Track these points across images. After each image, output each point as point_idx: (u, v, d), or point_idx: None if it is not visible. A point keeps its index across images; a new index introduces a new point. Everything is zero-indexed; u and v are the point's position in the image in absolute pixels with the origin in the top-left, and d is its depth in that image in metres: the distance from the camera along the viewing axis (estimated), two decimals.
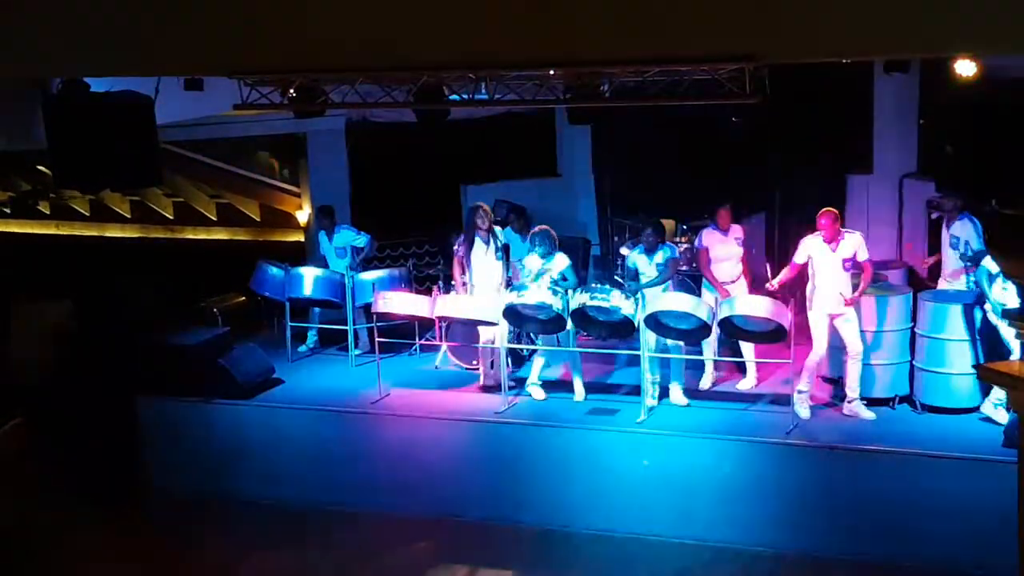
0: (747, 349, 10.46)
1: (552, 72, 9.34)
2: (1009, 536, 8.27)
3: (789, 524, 9.29)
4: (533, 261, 10.38)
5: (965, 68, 9.21)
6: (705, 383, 10.67)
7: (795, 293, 10.31)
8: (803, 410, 9.79)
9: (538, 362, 10.73)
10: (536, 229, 10.51)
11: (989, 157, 10.78)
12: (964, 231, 10.12)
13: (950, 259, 10.30)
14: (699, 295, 10.55)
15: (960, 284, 10.16)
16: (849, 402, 9.79)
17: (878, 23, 7.50)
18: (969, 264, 9.97)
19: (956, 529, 8.67)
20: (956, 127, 11.42)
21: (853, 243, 9.74)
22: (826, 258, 9.71)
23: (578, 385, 10.52)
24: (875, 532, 8.98)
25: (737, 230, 10.64)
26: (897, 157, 12.33)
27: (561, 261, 10.34)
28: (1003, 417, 9.15)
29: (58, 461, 11.68)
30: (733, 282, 10.50)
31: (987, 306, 9.45)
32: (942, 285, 10.38)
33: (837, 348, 10.16)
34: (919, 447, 9.09)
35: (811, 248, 9.78)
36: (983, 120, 10.82)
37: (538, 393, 10.60)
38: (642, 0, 7.81)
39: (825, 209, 9.75)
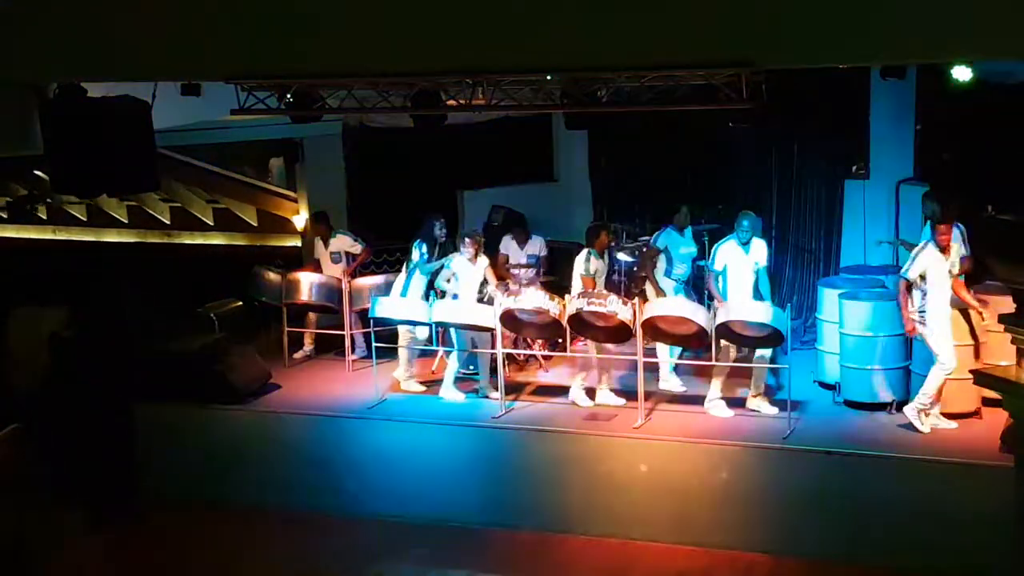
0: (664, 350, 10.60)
1: (549, 77, 9.35)
2: (1006, 540, 8.30)
3: (786, 529, 9.29)
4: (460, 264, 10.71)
5: (962, 74, 9.23)
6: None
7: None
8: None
9: (452, 365, 10.87)
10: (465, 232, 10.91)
11: (986, 163, 10.85)
12: None
13: None
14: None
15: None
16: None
17: (874, 29, 7.52)
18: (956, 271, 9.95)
19: (953, 533, 8.65)
20: (953, 133, 11.50)
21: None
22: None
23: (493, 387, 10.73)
24: (872, 537, 8.97)
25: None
26: (894, 163, 12.32)
27: (481, 263, 10.72)
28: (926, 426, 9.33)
29: (55, 467, 11.63)
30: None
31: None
32: None
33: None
34: (916, 452, 9.09)
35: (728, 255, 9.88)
36: (980, 126, 10.88)
37: (455, 395, 10.79)
38: (639, 5, 7.83)
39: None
